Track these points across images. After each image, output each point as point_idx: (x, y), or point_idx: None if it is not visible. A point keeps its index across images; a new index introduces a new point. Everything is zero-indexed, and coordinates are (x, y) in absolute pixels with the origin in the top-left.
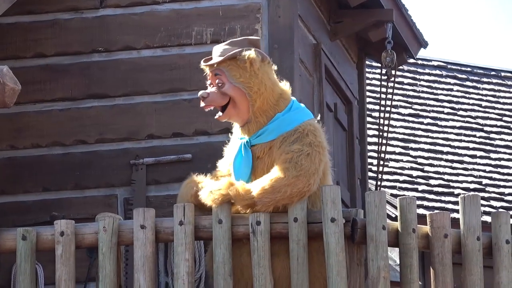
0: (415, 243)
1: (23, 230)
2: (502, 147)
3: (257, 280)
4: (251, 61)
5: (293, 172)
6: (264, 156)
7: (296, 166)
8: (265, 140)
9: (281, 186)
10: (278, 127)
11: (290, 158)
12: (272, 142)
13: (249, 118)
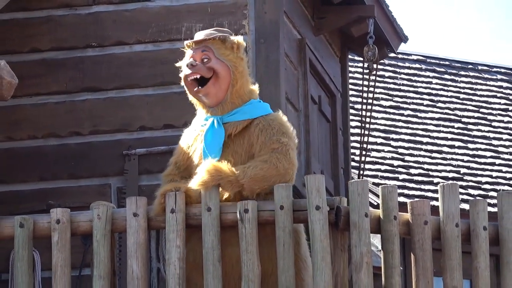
0: (396, 229)
1: (21, 218)
2: (479, 137)
3: (245, 265)
4: (239, 45)
5: (285, 164)
6: (237, 135)
7: (286, 159)
8: (239, 119)
9: (271, 176)
10: (252, 109)
11: (281, 150)
12: (245, 122)
13: (225, 98)
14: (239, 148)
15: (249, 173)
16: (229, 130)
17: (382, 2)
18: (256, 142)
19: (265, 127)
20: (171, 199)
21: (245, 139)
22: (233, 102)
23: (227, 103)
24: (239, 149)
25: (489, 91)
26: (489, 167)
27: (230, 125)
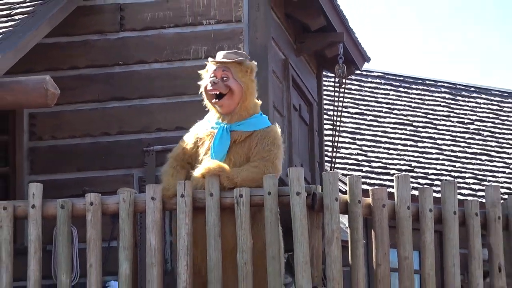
0: (360, 211)
1: (62, 201)
2: (426, 138)
3: (240, 238)
4: (252, 69)
5: (271, 170)
6: (240, 142)
7: (272, 166)
8: (245, 129)
9: (259, 179)
10: (257, 123)
11: (269, 158)
12: (249, 133)
13: (236, 110)
14: (240, 151)
15: (242, 175)
16: (234, 137)
17: (350, 30)
18: (254, 149)
19: (262, 137)
20: (181, 186)
21: (246, 145)
22: (241, 114)
23: (236, 114)
24: (240, 151)
25: (435, 101)
26: (434, 161)
27: (236, 134)
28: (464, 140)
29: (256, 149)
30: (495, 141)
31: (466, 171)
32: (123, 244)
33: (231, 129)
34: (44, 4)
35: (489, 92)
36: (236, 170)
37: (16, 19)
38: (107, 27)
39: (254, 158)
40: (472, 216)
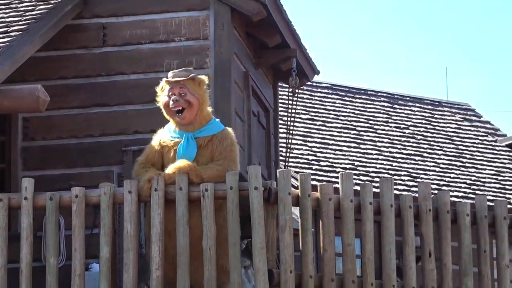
0: (310, 204)
1: (50, 193)
2: (368, 140)
3: (205, 228)
4: (203, 82)
5: (233, 167)
6: (204, 146)
7: (234, 164)
8: (206, 135)
9: (223, 175)
10: (214, 127)
11: (230, 157)
12: (209, 137)
13: (195, 120)
14: (205, 153)
15: (208, 172)
16: (199, 143)
17: (302, 47)
18: (216, 150)
19: (222, 139)
20: (155, 181)
21: (209, 148)
22: (200, 122)
23: (196, 123)
24: (205, 154)
25: (375, 109)
26: (374, 161)
27: (200, 140)
28: (400, 143)
29: (218, 150)
30: (427, 144)
31: (401, 169)
32: (103, 231)
33: (195, 136)
34: (37, 23)
35: (422, 101)
36: (204, 168)
37: (12, 35)
38: (92, 43)
39: (218, 158)
40: (406, 209)
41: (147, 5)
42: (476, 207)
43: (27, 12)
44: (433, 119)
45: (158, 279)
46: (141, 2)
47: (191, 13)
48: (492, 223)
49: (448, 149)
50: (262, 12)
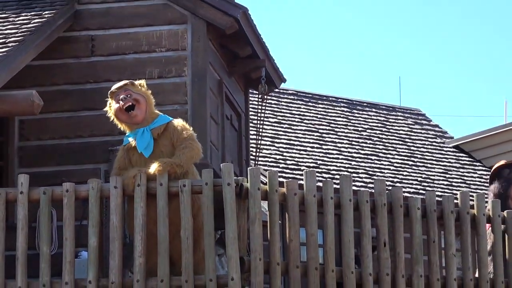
0: (277, 198)
1: (44, 188)
2: (329, 142)
3: (183, 219)
4: (143, 84)
5: (196, 145)
6: (161, 135)
7: (195, 141)
8: (159, 124)
9: (194, 153)
10: (164, 119)
11: (189, 137)
12: (163, 126)
13: (146, 117)
14: (165, 142)
15: (182, 158)
16: (155, 133)
17: (270, 58)
18: (173, 137)
19: (175, 127)
20: (138, 177)
21: (167, 138)
22: (151, 117)
23: (146, 120)
24: (165, 143)
25: (336, 113)
26: (335, 160)
27: (155, 130)
28: (358, 144)
29: (176, 136)
30: (382, 145)
31: (359, 168)
32: (91, 222)
33: (150, 128)
34: (32, 35)
35: (377, 107)
36: (176, 157)
37: (9, 46)
38: (81, 53)
39: (179, 143)
40: (363, 203)
41: (131, 19)
42: (426, 202)
43: (23, 25)
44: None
45: (140, 266)
46: (126, 16)
47: (171, 27)
48: (440, 216)
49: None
50: (234, 26)
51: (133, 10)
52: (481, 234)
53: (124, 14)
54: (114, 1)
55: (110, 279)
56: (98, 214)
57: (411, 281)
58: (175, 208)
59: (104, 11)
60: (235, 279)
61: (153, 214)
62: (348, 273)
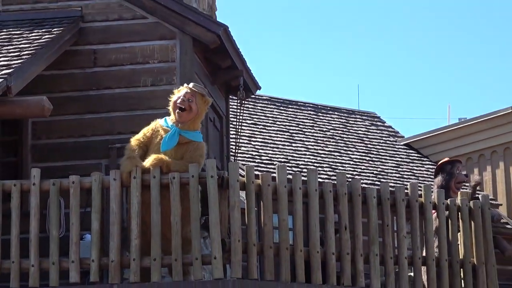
0: (253, 188)
1: (53, 180)
2: (298, 140)
3: (173, 207)
4: (208, 102)
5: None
6: (182, 145)
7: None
8: (188, 137)
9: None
10: (196, 136)
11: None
12: (189, 140)
13: (188, 122)
14: (181, 150)
15: (177, 167)
16: (181, 139)
17: (247, 68)
18: (188, 153)
19: (196, 149)
20: (134, 170)
21: (185, 148)
22: (190, 126)
23: (187, 125)
24: (180, 151)
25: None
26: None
27: (182, 137)
28: (323, 142)
29: (189, 154)
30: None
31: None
32: (94, 209)
33: (180, 133)
34: (42, 49)
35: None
36: (174, 163)
37: (23, 58)
38: (85, 64)
39: (186, 159)
40: (327, 193)
41: (128, 35)
42: (381, 191)
43: (35, 40)
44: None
45: (136, 246)
46: (123, 33)
47: (162, 42)
48: (393, 204)
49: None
50: (216, 42)
51: (129, 28)
52: (428, 219)
53: (121, 31)
54: (113, 19)
55: (110, 258)
56: (100, 202)
57: (368, 259)
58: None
59: (105, 28)
60: (217, 258)
61: (147, 203)
62: (314, 253)
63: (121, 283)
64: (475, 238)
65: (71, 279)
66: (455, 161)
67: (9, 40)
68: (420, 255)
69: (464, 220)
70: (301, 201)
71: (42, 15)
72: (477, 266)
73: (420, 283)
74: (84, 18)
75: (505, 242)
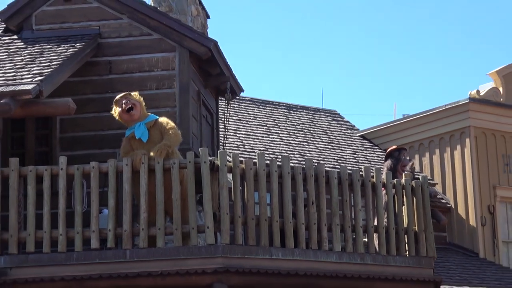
0: (238, 172)
1: (77, 166)
2: (274, 133)
3: (174, 185)
4: (137, 95)
5: (178, 132)
6: (152, 128)
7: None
8: (150, 119)
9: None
10: (152, 117)
11: (174, 128)
12: (153, 121)
13: (140, 116)
14: (156, 134)
15: (171, 141)
16: (148, 125)
17: (233, 75)
18: (162, 128)
19: (162, 122)
20: (142, 158)
21: (157, 129)
22: (144, 116)
23: (142, 117)
24: (156, 134)
25: (278, 113)
26: (279, 146)
27: (148, 123)
28: (294, 134)
29: (163, 127)
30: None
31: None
32: (110, 189)
33: (145, 123)
34: (68, 60)
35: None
36: (166, 140)
37: (52, 67)
38: (102, 72)
39: (166, 131)
40: (298, 175)
41: (137, 49)
42: (340, 174)
43: (62, 53)
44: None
45: (144, 219)
46: (133, 47)
47: (164, 54)
48: (351, 184)
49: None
50: (208, 54)
51: (138, 43)
52: (378, 195)
53: (132, 46)
54: (124, 36)
55: (123, 228)
56: (115, 183)
57: (330, 228)
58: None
59: (118, 43)
60: (210, 228)
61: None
62: (287, 223)
63: (132, 248)
64: (416, 210)
65: (92, 246)
66: (402, 148)
67: (41, 53)
68: (372, 224)
69: (408, 196)
70: (276, 181)
71: (67, 33)
72: (418, 233)
73: (372, 246)
74: (101, 35)
75: (440, 214)
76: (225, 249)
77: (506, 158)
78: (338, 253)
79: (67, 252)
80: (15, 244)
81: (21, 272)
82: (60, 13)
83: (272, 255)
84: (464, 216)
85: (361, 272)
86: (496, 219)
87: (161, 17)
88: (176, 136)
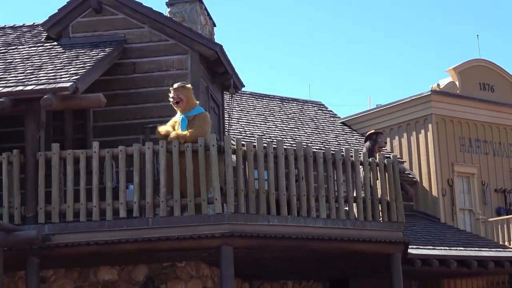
0: (241, 153)
1: (107, 149)
2: (270, 121)
3: (187, 165)
4: (188, 87)
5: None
6: (192, 120)
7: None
8: (191, 114)
9: (193, 137)
10: (196, 111)
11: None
12: (193, 116)
13: (186, 108)
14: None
15: (189, 135)
16: (189, 119)
17: (236, 73)
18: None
19: (197, 118)
20: (161, 141)
21: (193, 121)
22: (189, 109)
23: (186, 109)
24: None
25: (274, 105)
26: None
27: (189, 117)
28: (287, 122)
29: (195, 123)
30: (300, 122)
31: (288, 135)
32: (135, 168)
33: (186, 116)
34: (99, 61)
35: (297, 101)
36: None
37: (86, 68)
38: (127, 71)
39: (192, 127)
40: (290, 155)
41: (156, 52)
42: (325, 154)
43: (94, 56)
44: (303, 109)
45: (164, 192)
46: (153, 51)
47: (179, 56)
48: (334, 162)
49: (311, 125)
50: (215, 56)
51: (157, 47)
52: (357, 172)
53: (152, 49)
54: (145, 42)
55: (146, 200)
56: (139, 163)
57: (317, 199)
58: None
59: (141, 48)
60: (218, 199)
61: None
62: (282, 195)
63: (154, 217)
64: (388, 183)
65: (120, 215)
66: (379, 132)
67: (77, 57)
68: (352, 195)
69: (381, 171)
70: (272, 161)
71: (98, 39)
72: (390, 202)
73: (352, 214)
74: (126, 41)
75: (408, 186)
76: (231, 217)
77: (462, 140)
78: (324, 220)
79: (100, 220)
80: (57, 214)
81: (62, 238)
82: (92, 23)
83: (269, 221)
84: (428, 188)
85: (343, 235)
86: (454, 190)
87: (176, 25)
88: (197, 132)
